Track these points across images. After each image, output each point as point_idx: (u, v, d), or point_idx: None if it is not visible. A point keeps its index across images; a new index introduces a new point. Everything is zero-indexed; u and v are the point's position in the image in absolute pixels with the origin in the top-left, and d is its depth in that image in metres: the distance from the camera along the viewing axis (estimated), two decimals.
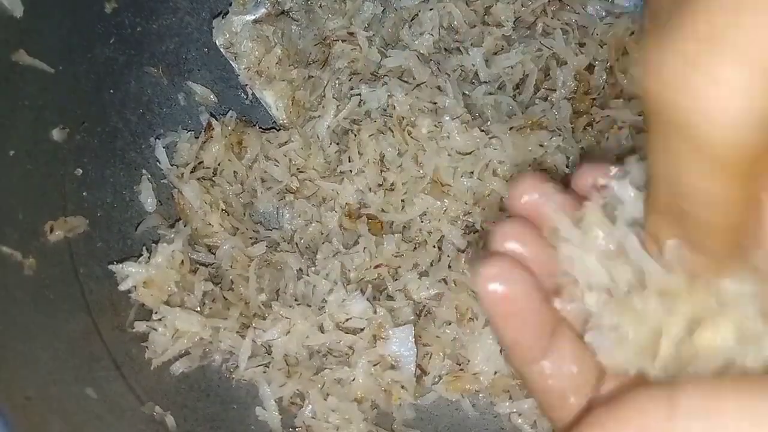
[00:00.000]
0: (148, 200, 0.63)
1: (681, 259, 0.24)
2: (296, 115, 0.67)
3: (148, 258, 0.58)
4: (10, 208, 0.53)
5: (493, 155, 0.60)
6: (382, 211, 0.61)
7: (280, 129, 0.67)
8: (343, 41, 0.66)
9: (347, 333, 0.58)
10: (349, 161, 0.62)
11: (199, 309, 0.59)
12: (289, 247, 0.63)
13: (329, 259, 0.60)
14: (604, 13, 0.68)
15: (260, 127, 0.68)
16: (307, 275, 0.60)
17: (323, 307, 0.59)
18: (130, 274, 0.58)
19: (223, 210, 0.63)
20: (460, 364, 0.60)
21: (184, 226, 0.62)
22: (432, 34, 0.65)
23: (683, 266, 0.25)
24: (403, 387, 0.58)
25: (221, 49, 0.67)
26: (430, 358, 0.60)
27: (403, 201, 0.61)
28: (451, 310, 0.60)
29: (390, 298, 0.60)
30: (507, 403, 0.59)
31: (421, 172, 0.61)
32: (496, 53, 0.65)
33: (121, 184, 0.62)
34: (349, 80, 0.65)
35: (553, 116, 0.63)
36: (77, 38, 0.59)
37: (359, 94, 0.63)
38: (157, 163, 0.64)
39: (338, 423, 0.57)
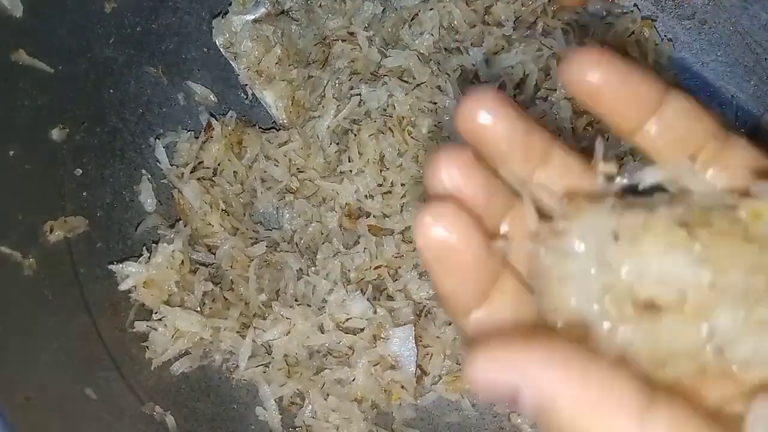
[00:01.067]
0: (148, 200, 0.63)
1: None
2: (296, 115, 0.67)
3: (148, 258, 0.58)
4: (10, 208, 0.53)
5: None
6: (383, 215, 0.61)
7: (280, 129, 0.67)
8: (343, 41, 0.66)
9: (347, 333, 0.58)
10: (349, 161, 0.62)
11: (199, 309, 0.59)
12: (289, 247, 0.63)
13: (329, 259, 0.60)
14: (604, 13, 0.68)
15: (260, 127, 0.68)
16: (307, 275, 0.60)
17: (323, 307, 0.59)
18: (130, 274, 0.58)
19: (223, 210, 0.63)
20: (459, 364, 0.60)
21: (184, 226, 0.62)
22: (432, 34, 0.65)
23: None
24: (403, 387, 0.58)
25: (221, 49, 0.67)
26: (431, 358, 0.60)
27: (401, 206, 0.61)
28: None
29: (390, 298, 0.60)
30: (507, 403, 0.59)
31: (421, 172, 0.61)
32: (496, 53, 0.65)
33: (121, 184, 0.62)
34: (349, 80, 0.65)
35: (554, 116, 0.63)
36: (77, 38, 0.59)
37: (359, 94, 0.63)
38: (157, 163, 0.64)
39: (338, 423, 0.57)
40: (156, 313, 0.58)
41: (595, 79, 0.27)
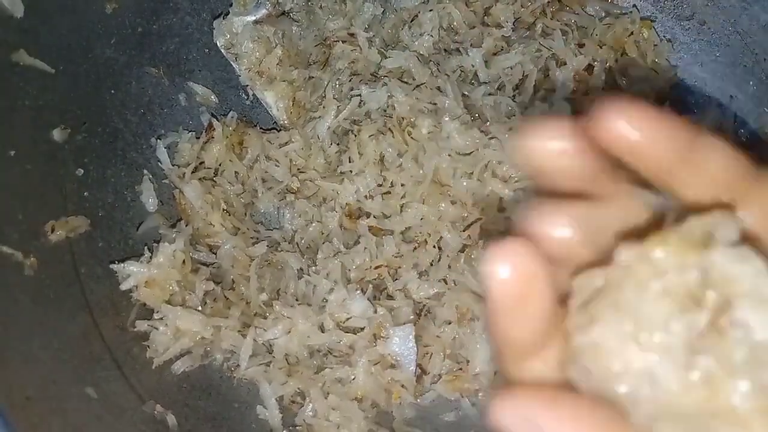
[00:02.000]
0: (150, 200, 0.63)
1: None
2: (297, 115, 0.67)
3: (150, 258, 0.59)
4: (10, 208, 0.53)
5: (493, 156, 0.60)
6: (383, 215, 0.62)
7: (280, 129, 0.67)
8: (343, 42, 0.66)
9: (348, 332, 0.58)
10: (350, 161, 0.62)
11: (200, 308, 0.59)
12: (290, 247, 0.63)
13: (330, 259, 0.60)
14: (603, 14, 0.68)
15: (261, 128, 0.68)
16: (308, 275, 0.60)
17: (324, 306, 0.59)
18: (132, 273, 0.58)
19: (224, 210, 0.63)
20: (459, 364, 0.60)
21: (186, 225, 0.62)
22: (432, 35, 0.66)
23: None
24: (403, 386, 0.58)
25: (222, 50, 0.67)
26: (431, 357, 0.60)
27: (401, 206, 0.61)
28: (451, 310, 0.60)
29: (390, 297, 0.60)
30: None
31: (421, 172, 0.61)
32: (495, 54, 0.65)
33: (123, 184, 0.62)
34: (350, 81, 0.65)
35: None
36: (77, 38, 0.59)
37: (359, 95, 0.63)
38: (159, 164, 0.64)
39: (339, 422, 0.57)
40: (157, 312, 0.58)
41: (632, 135, 0.26)
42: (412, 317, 0.59)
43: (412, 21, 0.67)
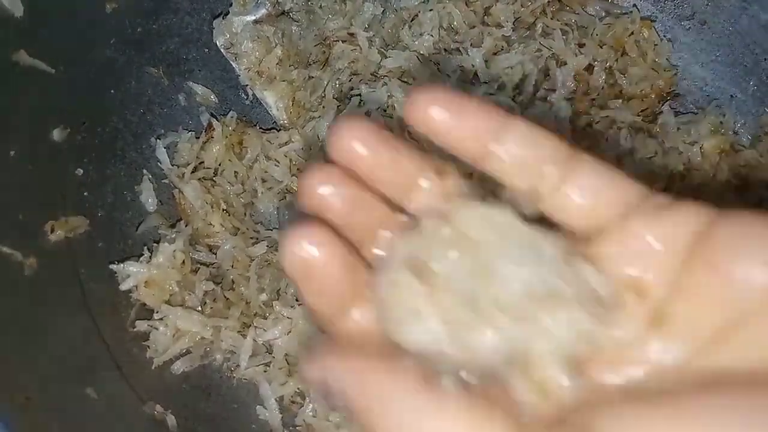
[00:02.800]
0: (149, 200, 0.63)
1: None
2: (297, 115, 0.67)
3: (149, 258, 0.59)
4: (10, 208, 0.53)
5: None
6: None
7: (280, 129, 0.67)
8: (343, 42, 0.66)
9: None
10: None
11: (200, 308, 0.59)
12: None
13: None
14: (603, 14, 0.68)
15: (261, 128, 0.68)
16: None
17: None
18: (131, 273, 0.58)
19: (223, 210, 0.63)
20: None
21: (185, 226, 0.62)
22: (432, 35, 0.66)
23: None
24: None
25: (222, 50, 0.67)
26: None
27: None
28: None
29: None
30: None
31: None
32: (495, 54, 0.65)
33: (122, 184, 0.62)
34: (350, 81, 0.65)
35: (553, 116, 0.63)
36: (77, 38, 0.59)
37: (359, 95, 0.63)
38: (158, 163, 0.64)
39: (339, 422, 0.57)
40: (157, 312, 0.58)
41: (437, 115, 0.29)
42: None
43: (412, 21, 0.67)
